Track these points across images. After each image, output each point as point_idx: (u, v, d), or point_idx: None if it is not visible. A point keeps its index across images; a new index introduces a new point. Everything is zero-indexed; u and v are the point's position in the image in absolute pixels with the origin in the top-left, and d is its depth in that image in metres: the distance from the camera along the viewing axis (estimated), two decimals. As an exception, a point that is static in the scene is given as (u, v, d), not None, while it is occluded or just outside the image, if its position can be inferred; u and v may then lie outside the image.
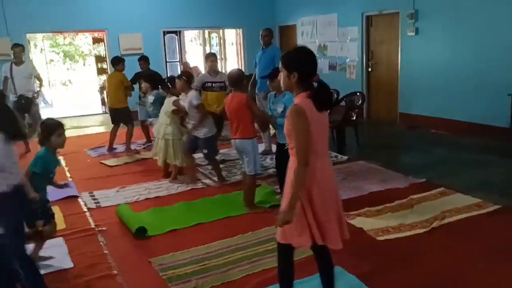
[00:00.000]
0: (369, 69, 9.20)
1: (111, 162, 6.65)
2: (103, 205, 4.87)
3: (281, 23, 11.89)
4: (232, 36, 12.57)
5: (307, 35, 10.91)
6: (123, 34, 10.24)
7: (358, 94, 6.93)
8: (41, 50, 18.94)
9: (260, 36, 7.16)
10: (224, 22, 11.49)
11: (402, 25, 8.27)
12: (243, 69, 12.14)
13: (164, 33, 10.92)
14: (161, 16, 10.66)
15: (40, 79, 7.86)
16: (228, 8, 11.35)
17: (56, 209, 4.49)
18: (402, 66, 8.42)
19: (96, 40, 11.16)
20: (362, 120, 9.21)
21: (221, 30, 11.95)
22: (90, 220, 4.39)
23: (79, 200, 5.03)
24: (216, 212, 4.47)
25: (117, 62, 7.28)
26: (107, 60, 10.47)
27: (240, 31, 11.96)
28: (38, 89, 7.89)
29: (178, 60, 11.45)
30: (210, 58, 6.76)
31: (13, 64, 7.40)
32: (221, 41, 12.11)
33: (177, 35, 11.32)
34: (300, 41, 11.13)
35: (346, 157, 6.26)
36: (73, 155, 7.00)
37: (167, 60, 11.09)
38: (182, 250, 3.63)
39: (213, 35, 12.64)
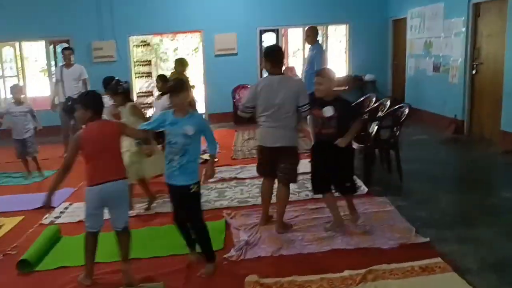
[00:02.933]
0: (474, 71, 7.16)
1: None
2: (58, 221, 4.63)
3: (393, 16, 10.24)
4: (338, 32, 11.45)
5: (415, 29, 9.14)
6: (218, 34, 10.22)
7: (403, 107, 5.35)
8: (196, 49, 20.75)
9: None
10: (327, 18, 10.47)
11: (510, 13, 6.14)
12: (347, 68, 10.99)
13: (262, 32, 10.53)
14: (258, 13, 10.22)
15: (86, 83, 7.72)
16: (332, 2, 10.29)
17: (12, 222, 4.65)
18: (507, 68, 6.28)
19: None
20: (461, 137, 7.28)
21: (324, 27, 10.91)
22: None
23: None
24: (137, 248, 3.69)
25: None
26: (203, 60, 10.61)
27: (346, 26, 10.76)
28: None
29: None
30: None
31: (63, 67, 7.67)
32: (325, 38, 11.05)
33: (275, 33, 10.77)
34: (409, 36, 9.41)
35: (366, 190, 4.96)
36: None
37: (262, 60, 10.69)
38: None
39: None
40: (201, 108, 10.68)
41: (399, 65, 10.08)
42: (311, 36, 6.14)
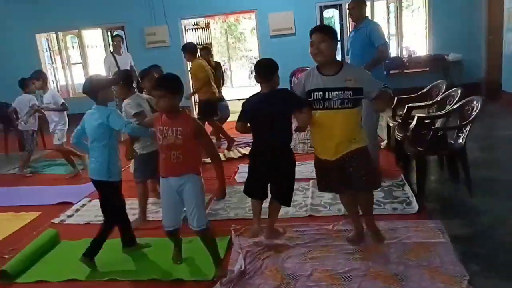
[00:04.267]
0: None
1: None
2: (69, 221, 4.28)
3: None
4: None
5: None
6: (272, 13, 9.28)
7: (473, 101, 3.97)
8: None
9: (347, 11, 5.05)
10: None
11: None
12: (427, 46, 9.29)
13: (322, 8, 9.33)
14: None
15: (134, 70, 7.57)
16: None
17: (27, 218, 4.41)
18: None
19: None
20: None
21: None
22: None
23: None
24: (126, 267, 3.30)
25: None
26: (258, 42, 9.77)
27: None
28: None
29: (339, 39, 9.65)
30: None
31: (115, 55, 7.61)
32: (398, 12, 9.47)
33: (337, 9, 9.49)
34: (508, 4, 7.55)
35: (415, 210, 3.76)
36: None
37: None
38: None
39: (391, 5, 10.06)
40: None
41: (495, 42, 8.25)
42: (356, 8, 4.78)
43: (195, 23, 10.31)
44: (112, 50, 7.92)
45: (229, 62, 17.06)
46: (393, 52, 9.57)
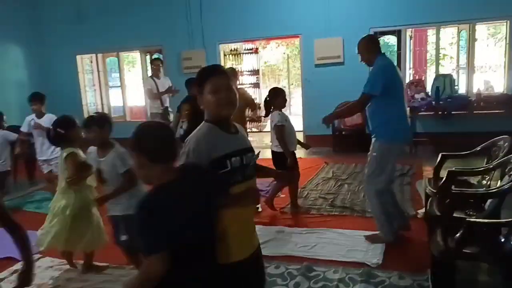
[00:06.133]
0: None
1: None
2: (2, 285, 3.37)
3: None
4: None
5: None
6: (319, 39, 8.24)
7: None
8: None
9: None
10: (475, 12, 7.43)
11: None
12: (504, 84, 7.65)
13: (377, 34, 8.09)
14: (370, 10, 7.89)
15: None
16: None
17: None
18: None
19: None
20: None
21: (469, 25, 7.83)
22: None
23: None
24: None
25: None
26: (301, 71, 8.79)
27: (506, 24, 7.56)
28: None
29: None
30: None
31: (154, 78, 7.33)
32: (470, 41, 7.93)
33: (395, 35, 8.21)
34: None
35: None
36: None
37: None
38: None
39: (463, 32, 8.56)
40: (297, 127, 8.88)
41: None
42: (360, 50, 3.85)
43: (234, 48, 9.55)
44: (151, 74, 7.63)
45: (289, 87, 16.31)
46: (461, 88, 8.11)
